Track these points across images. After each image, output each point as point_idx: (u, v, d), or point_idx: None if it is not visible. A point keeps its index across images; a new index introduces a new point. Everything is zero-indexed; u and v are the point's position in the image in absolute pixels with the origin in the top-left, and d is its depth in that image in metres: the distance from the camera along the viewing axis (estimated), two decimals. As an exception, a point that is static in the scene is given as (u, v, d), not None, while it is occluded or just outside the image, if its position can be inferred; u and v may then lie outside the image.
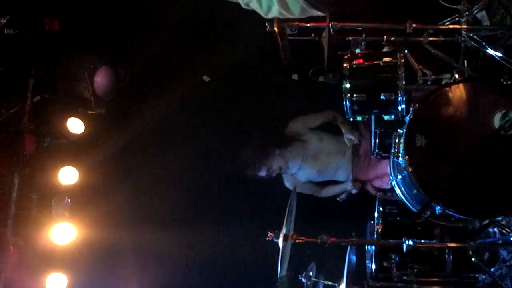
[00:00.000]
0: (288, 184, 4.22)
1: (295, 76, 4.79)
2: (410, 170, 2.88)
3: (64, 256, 4.30)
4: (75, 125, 4.41)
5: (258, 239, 3.33)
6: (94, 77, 4.27)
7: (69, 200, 4.38)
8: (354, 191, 4.08)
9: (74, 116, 4.39)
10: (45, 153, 4.31)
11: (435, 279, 3.34)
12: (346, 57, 3.31)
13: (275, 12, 1.74)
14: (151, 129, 4.88)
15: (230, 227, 4.53)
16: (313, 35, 3.59)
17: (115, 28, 4.51)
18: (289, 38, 3.56)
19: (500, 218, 3.03)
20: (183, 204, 4.73)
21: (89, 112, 4.43)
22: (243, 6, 1.91)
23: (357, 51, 3.41)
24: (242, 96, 4.92)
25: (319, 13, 1.47)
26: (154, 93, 4.87)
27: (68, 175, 4.41)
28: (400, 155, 3.00)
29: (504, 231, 3.16)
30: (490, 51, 3.19)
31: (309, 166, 4.16)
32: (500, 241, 3.12)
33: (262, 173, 4.16)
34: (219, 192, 4.59)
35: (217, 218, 4.63)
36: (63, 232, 4.28)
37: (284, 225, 3.22)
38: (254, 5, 1.81)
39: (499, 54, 3.16)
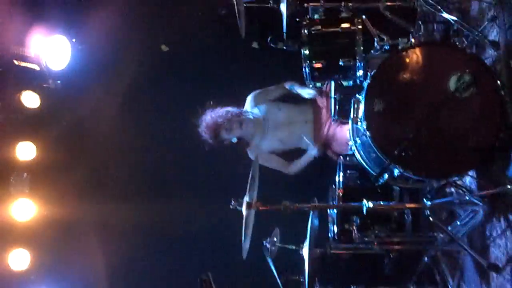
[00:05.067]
0: (252, 156, 4.23)
1: (255, 44, 4.79)
2: (369, 134, 2.92)
3: (25, 233, 4.26)
4: (30, 99, 4.30)
5: (222, 209, 3.34)
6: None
7: (28, 176, 4.31)
8: (316, 154, 4.11)
9: (28, 90, 4.27)
10: (1, 129, 4.20)
11: (395, 239, 3.45)
12: (304, 23, 3.32)
13: None
14: (109, 100, 4.81)
15: (194, 198, 4.54)
16: (271, 2, 3.56)
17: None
18: (247, 5, 3.53)
19: (455, 178, 3.12)
20: (146, 177, 4.72)
21: (44, 85, 4.32)
22: None
23: (316, 17, 3.42)
24: (201, 65, 4.88)
25: None
26: (111, 64, 4.78)
27: (25, 151, 4.33)
28: (359, 120, 3.04)
29: (460, 191, 3.27)
30: (445, 15, 3.23)
31: (270, 135, 4.17)
32: (456, 201, 3.23)
33: (225, 137, 4.13)
34: (182, 162, 4.58)
35: (181, 189, 4.64)
36: (23, 208, 4.23)
37: (247, 193, 3.25)
38: None
39: (454, 18, 3.21)
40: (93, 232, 4.61)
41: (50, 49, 4.16)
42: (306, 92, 4.14)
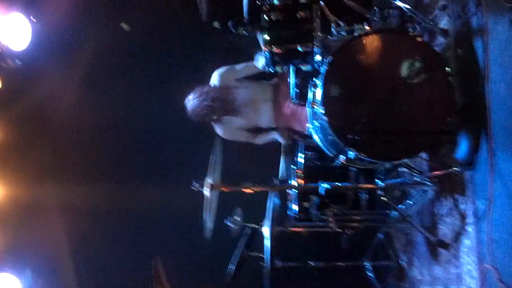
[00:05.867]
0: (220, 131, 4.29)
1: (216, 24, 4.80)
2: (325, 118, 3.03)
3: (-10, 215, 4.26)
4: (-10, 81, 4.24)
5: (185, 190, 3.43)
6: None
7: (-10, 157, 4.30)
8: (283, 142, 4.21)
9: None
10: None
11: (351, 217, 3.62)
12: (264, 8, 3.38)
13: None
14: (71, 80, 4.79)
15: (158, 179, 4.61)
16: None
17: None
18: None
19: (406, 160, 3.27)
20: (109, 157, 4.74)
21: (4, 65, 4.26)
22: None
23: (275, 2, 3.47)
24: (162, 43, 4.88)
25: None
26: (72, 43, 4.75)
27: (-14, 132, 4.30)
28: (316, 104, 3.14)
29: (411, 172, 3.43)
30: (398, 3, 3.33)
31: (240, 114, 4.22)
32: (408, 181, 3.39)
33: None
34: (145, 143, 4.62)
35: (145, 170, 4.69)
36: (-14, 190, 4.22)
37: (209, 174, 3.34)
38: None
39: (407, 6, 3.31)
40: (58, 214, 4.63)
41: (9, 28, 4.09)
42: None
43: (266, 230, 3.64)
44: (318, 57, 3.33)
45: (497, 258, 2.76)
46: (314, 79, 3.25)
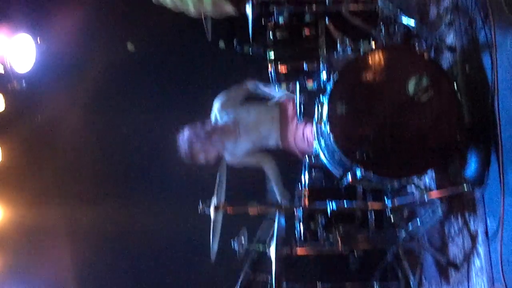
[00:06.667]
0: (228, 160, 4.23)
1: (221, 44, 4.80)
2: (332, 136, 2.98)
3: (-8, 237, 4.22)
4: (-5, 102, 4.24)
5: (191, 211, 3.38)
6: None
7: (-8, 180, 4.28)
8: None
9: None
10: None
11: (359, 238, 3.54)
12: (269, 27, 3.38)
13: None
14: (76, 101, 4.78)
15: (162, 201, 4.56)
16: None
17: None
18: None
19: (415, 178, 3.21)
20: (113, 180, 4.71)
21: (9, 87, 4.27)
22: None
23: (281, 20, 3.47)
24: (168, 64, 4.88)
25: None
26: (77, 64, 4.76)
27: (-10, 153, 4.28)
28: (322, 122, 3.11)
29: (420, 190, 3.36)
30: (404, 20, 3.32)
31: (243, 139, 4.18)
32: (416, 200, 3.32)
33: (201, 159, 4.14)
34: (150, 165, 4.58)
35: (150, 193, 4.65)
36: (-12, 213, 4.19)
37: (214, 196, 3.29)
38: None
39: (412, 23, 3.29)
40: (60, 236, 4.59)
41: (15, 50, 4.11)
42: (274, 91, 4.14)
43: (272, 252, 3.57)
44: (323, 75, 3.32)
45: (509, 279, 2.68)
46: (320, 96, 3.22)
